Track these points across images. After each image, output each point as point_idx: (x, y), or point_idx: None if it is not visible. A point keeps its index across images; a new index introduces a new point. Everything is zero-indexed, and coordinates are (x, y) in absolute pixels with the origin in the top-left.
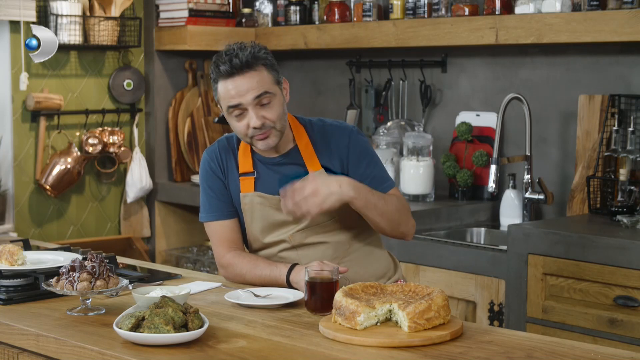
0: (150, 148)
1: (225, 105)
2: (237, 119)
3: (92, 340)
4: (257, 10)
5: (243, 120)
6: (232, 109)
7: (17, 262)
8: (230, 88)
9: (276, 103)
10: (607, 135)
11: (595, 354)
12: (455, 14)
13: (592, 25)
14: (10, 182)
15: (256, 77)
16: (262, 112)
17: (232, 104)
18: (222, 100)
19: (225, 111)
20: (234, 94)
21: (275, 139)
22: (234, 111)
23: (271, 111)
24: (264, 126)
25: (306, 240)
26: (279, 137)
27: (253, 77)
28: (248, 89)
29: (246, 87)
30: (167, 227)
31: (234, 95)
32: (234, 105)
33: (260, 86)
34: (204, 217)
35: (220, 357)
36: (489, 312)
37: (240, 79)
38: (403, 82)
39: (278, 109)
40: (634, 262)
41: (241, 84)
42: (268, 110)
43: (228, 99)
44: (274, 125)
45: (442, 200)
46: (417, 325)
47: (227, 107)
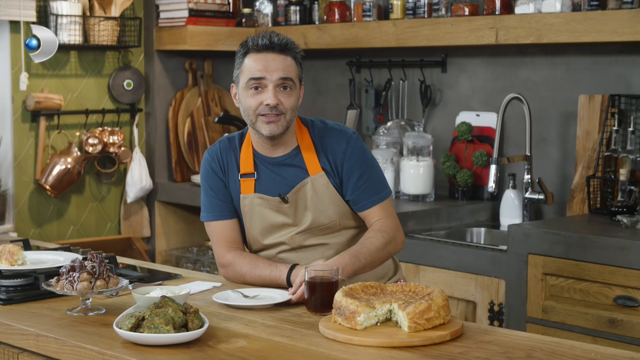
0: (150, 148)
1: (247, 77)
2: (253, 92)
3: (92, 340)
4: (257, 10)
5: (258, 96)
6: (253, 81)
7: (17, 262)
8: (261, 61)
9: (294, 94)
10: (607, 135)
11: (595, 354)
12: (455, 14)
13: (592, 25)
14: (10, 182)
15: (286, 62)
16: (280, 96)
17: (256, 76)
18: (245, 72)
19: (244, 84)
20: (261, 67)
21: (281, 127)
22: (254, 84)
23: (288, 99)
24: (277, 108)
25: (306, 242)
26: (284, 127)
27: (284, 60)
28: (277, 68)
29: (275, 65)
30: (167, 227)
31: (261, 68)
32: (257, 78)
33: (288, 71)
34: (205, 217)
35: (220, 357)
36: (489, 312)
37: (273, 57)
38: (403, 82)
39: (293, 101)
40: (634, 262)
41: (272, 61)
42: (286, 96)
43: (253, 71)
44: (286, 112)
45: (442, 200)
46: (417, 325)
47: (248, 79)
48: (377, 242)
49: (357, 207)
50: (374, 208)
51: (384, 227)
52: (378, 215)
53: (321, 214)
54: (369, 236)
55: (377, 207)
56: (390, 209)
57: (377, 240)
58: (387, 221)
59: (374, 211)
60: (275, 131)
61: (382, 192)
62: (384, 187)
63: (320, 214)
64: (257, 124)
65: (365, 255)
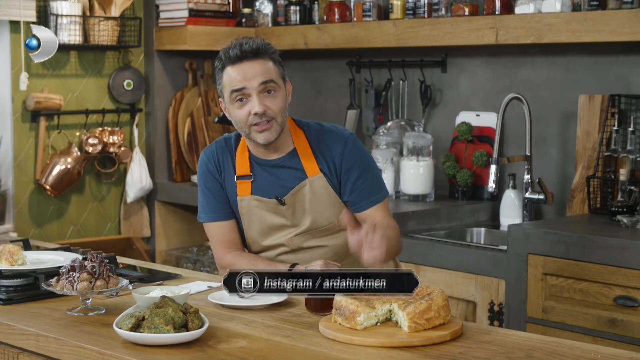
0: (150, 148)
1: (229, 91)
2: (238, 104)
3: (92, 340)
4: (257, 10)
5: (245, 107)
6: (235, 93)
7: (17, 262)
8: (237, 73)
9: (280, 95)
10: (607, 135)
11: (595, 354)
12: (455, 14)
13: (592, 25)
14: (10, 182)
15: (264, 66)
16: (266, 101)
17: (237, 88)
18: (226, 87)
19: (228, 98)
20: (240, 78)
21: (274, 133)
22: (237, 96)
23: (275, 101)
24: (266, 115)
25: (305, 244)
26: (278, 131)
27: (261, 64)
28: (255, 75)
29: (253, 72)
30: (167, 227)
31: (240, 79)
32: (238, 89)
33: (267, 74)
34: (203, 218)
35: (220, 357)
36: (489, 312)
37: (249, 65)
38: (403, 82)
39: (281, 102)
40: (634, 262)
41: (249, 69)
42: (272, 100)
43: (234, 83)
44: (275, 117)
45: (442, 200)
46: (417, 325)
47: (230, 91)
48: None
49: (356, 207)
50: (372, 208)
51: (390, 225)
52: (378, 216)
53: (320, 216)
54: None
55: (376, 208)
56: (387, 210)
57: (392, 232)
58: (390, 221)
59: (373, 212)
60: (270, 138)
61: (379, 193)
62: (382, 188)
63: (319, 215)
64: (251, 135)
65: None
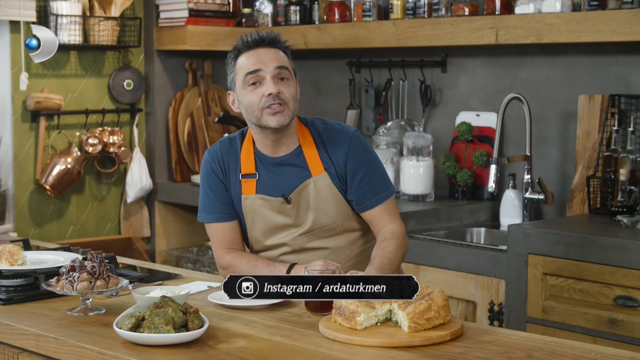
0: (150, 148)
1: (243, 74)
2: (251, 88)
3: (92, 340)
4: (257, 10)
5: (258, 90)
6: (250, 75)
7: (17, 262)
8: (254, 56)
9: (292, 85)
10: (607, 135)
11: (595, 354)
12: (455, 14)
13: (592, 25)
14: (10, 182)
15: (279, 54)
16: (279, 86)
17: (252, 70)
18: (240, 71)
19: (241, 83)
20: (255, 61)
21: (287, 117)
22: (252, 79)
23: (288, 89)
24: (279, 97)
25: (307, 245)
26: (290, 117)
27: (277, 52)
28: (271, 59)
29: (269, 57)
30: (167, 227)
31: (255, 62)
32: (254, 71)
33: (282, 61)
34: (204, 218)
35: (220, 357)
36: (489, 312)
37: (265, 50)
38: (403, 82)
39: (293, 91)
40: (634, 262)
41: (265, 54)
42: (285, 86)
43: (249, 66)
44: (288, 102)
45: (442, 200)
46: (417, 325)
47: (244, 75)
48: (393, 251)
49: (361, 207)
50: (378, 207)
51: (395, 233)
52: (384, 218)
53: (323, 215)
54: (384, 245)
55: (382, 207)
56: (394, 209)
57: (393, 248)
58: (395, 225)
59: (379, 211)
60: (282, 121)
61: (386, 191)
62: (388, 185)
63: (322, 214)
64: (262, 119)
65: (388, 267)
